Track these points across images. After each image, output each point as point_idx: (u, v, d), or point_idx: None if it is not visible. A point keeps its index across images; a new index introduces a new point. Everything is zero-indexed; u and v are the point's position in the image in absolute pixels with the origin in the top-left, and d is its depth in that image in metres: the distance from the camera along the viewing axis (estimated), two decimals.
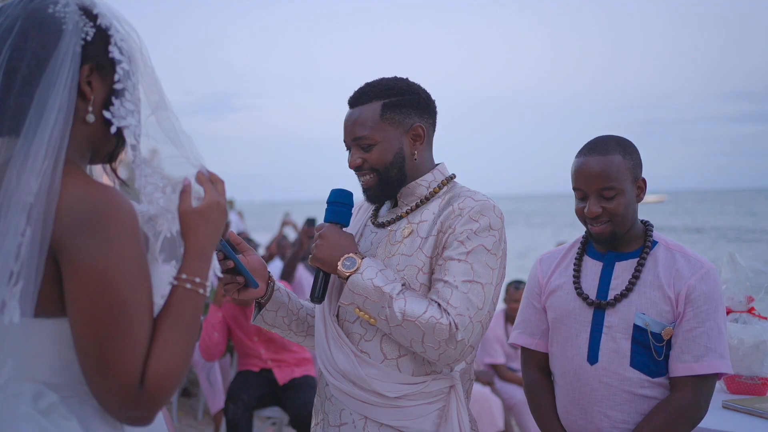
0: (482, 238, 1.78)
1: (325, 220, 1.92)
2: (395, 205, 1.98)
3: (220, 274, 1.43)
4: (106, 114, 1.26)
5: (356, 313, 1.80)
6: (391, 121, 1.88)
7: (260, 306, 2.03)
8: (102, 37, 1.26)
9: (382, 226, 1.95)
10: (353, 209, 1.97)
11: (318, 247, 1.85)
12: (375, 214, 2.04)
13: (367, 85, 1.93)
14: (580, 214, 2.11)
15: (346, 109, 1.94)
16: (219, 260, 1.81)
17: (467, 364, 1.93)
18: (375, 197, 1.94)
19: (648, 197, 2.15)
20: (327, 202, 1.92)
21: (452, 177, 1.98)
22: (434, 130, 1.97)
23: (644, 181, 2.11)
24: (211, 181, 1.35)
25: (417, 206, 1.92)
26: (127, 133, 1.27)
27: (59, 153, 1.17)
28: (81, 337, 1.15)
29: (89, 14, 1.26)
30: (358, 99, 1.92)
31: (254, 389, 4.45)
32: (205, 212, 1.31)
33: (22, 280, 1.12)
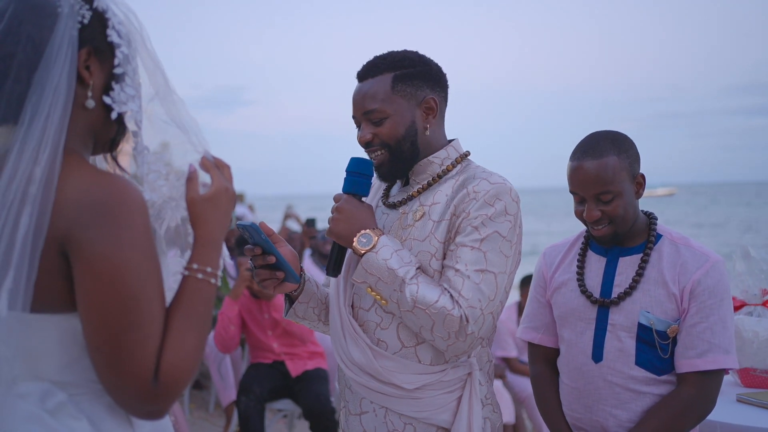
0: (497, 223, 1.71)
1: (343, 191, 1.83)
2: (406, 183, 1.91)
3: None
4: (106, 99, 1.23)
5: (368, 292, 1.74)
6: (403, 93, 1.81)
7: (291, 300, 1.96)
8: (99, 21, 1.23)
9: (394, 206, 1.88)
10: None
11: (334, 221, 1.78)
12: (386, 194, 1.97)
13: (377, 57, 1.86)
14: (580, 217, 2.08)
15: None
16: (257, 255, 1.76)
17: (482, 347, 1.86)
18: (388, 174, 1.86)
19: (659, 190, 2.11)
20: (345, 171, 1.83)
21: (466, 154, 1.90)
22: (446, 105, 1.90)
23: (643, 176, 2.06)
24: (216, 166, 1.31)
25: (429, 185, 1.85)
26: (128, 119, 1.25)
27: (58, 140, 1.14)
28: (93, 332, 1.12)
29: None
30: (367, 72, 1.84)
31: (266, 382, 4.45)
32: (213, 199, 1.27)
33: (13, 272, 1.09)
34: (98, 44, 1.23)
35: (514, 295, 5.58)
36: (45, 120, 1.14)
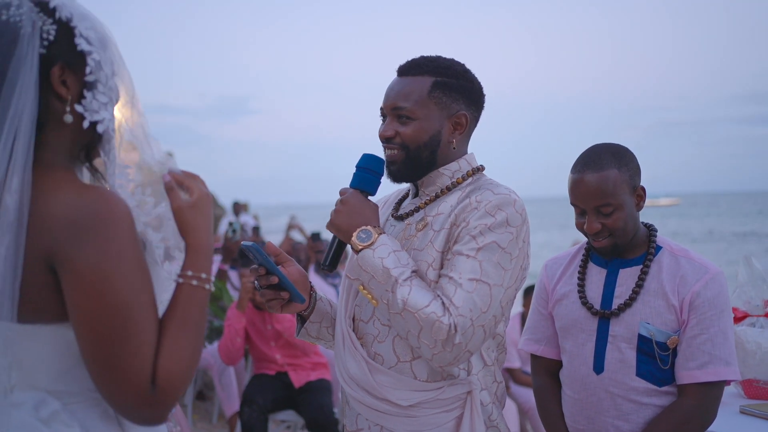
0: (497, 234, 1.65)
1: (351, 186, 1.79)
2: (417, 194, 1.87)
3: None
4: (78, 108, 1.21)
5: (360, 291, 1.70)
6: (438, 101, 1.76)
7: (303, 319, 1.92)
8: (65, 32, 1.20)
9: (401, 219, 1.85)
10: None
11: (336, 212, 1.74)
12: (397, 207, 1.93)
13: (423, 57, 1.81)
14: (581, 229, 2.09)
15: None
16: (261, 275, 1.75)
17: (487, 366, 1.78)
18: (397, 174, 1.80)
19: (662, 200, 2.12)
20: (356, 167, 1.80)
21: (480, 168, 1.85)
22: (476, 125, 1.86)
23: (643, 189, 2.07)
24: (188, 177, 1.30)
25: (437, 196, 1.80)
26: (100, 128, 1.22)
27: (26, 161, 1.14)
28: (87, 343, 1.13)
29: (46, 9, 1.20)
30: (409, 68, 1.80)
31: (269, 393, 4.45)
32: (198, 206, 1.27)
33: None
34: (69, 57, 1.21)
35: (518, 306, 5.57)
36: (10, 144, 1.13)
